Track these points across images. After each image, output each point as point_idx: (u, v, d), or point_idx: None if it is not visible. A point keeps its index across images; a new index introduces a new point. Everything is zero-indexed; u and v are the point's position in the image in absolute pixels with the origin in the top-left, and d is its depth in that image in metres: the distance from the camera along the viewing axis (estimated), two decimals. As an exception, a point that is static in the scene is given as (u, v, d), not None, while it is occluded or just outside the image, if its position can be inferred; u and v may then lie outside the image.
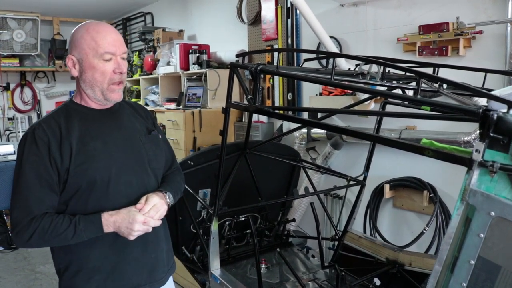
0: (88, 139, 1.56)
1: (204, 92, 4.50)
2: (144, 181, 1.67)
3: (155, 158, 1.72)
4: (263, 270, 2.90)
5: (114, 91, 1.60)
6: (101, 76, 1.56)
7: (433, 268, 1.24)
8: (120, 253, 1.62)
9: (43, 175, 1.50)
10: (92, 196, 1.55)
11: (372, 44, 3.32)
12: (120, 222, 1.51)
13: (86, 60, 1.55)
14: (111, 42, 1.56)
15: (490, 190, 1.11)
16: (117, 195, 1.59)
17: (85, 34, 1.55)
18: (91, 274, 1.60)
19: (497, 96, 1.05)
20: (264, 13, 4.16)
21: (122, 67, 1.59)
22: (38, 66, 6.95)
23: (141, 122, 1.77)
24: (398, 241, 3.13)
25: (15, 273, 4.45)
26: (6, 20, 6.16)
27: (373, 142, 2.72)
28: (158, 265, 1.73)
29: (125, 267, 1.64)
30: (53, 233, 1.47)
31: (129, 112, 1.76)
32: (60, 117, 1.58)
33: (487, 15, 2.63)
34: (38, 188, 1.50)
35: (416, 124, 3.08)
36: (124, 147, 1.64)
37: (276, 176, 3.34)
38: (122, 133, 1.67)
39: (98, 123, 1.62)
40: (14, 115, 6.99)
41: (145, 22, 6.45)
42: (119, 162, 1.60)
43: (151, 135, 1.75)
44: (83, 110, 1.62)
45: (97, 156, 1.56)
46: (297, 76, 1.93)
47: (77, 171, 1.52)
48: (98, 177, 1.54)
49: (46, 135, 1.51)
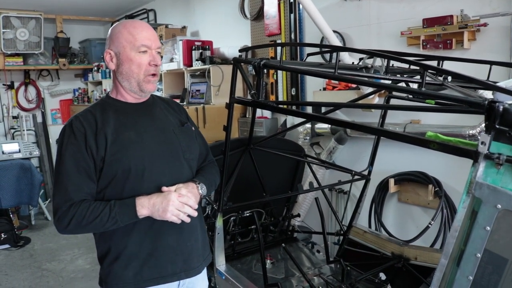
0: (122, 129, 1.65)
1: (208, 88, 4.50)
2: (178, 170, 1.73)
3: (188, 149, 1.79)
4: (268, 266, 2.89)
5: (150, 82, 1.69)
6: (138, 67, 1.65)
7: (439, 261, 1.23)
8: (156, 240, 1.68)
9: (81, 163, 1.58)
10: (127, 184, 1.62)
11: (376, 38, 3.30)
12: (154, 204, 1.58)
13: (123, 53, 1.65)
14: (146, 36, 1.66)
15: (496, 183, 1.10)
16: (152, 183, 1.65)
17: (123, 29, 1.66)
18: (128, 260, 1.67)
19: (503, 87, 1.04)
20: (267, 8, 4.14)
21: (157, 59, 1.68)
22: (42, 64, 6.97)
23: (174, 115, 1.85)
24: (403, 236, 3.13)
25: (22, 270, 4.48)
26: (10, 19, 6.17)
27: (377, 136, 2.71)
28: (193, 253, 1.78)
29: (161, 255, 1.69)
30: (90, 217, 1.54)
31: (163, 106, 1.84)
32: (96, 110, 1.68)
33: (491, 7, 2.60)
34: (76, 176, 1.58)
35: (420, 118, 3.06)
36: (157, 138, 1.71)
37: (280, 171, 3.34)
38: (155, 124, 1.74)
39: (132, 115, 1.71)
40: (19, 113, 7.02)
41: (148, 19, 6.44)
42: (152, 152, 1.68)
43: (184, 127, 1.83)
44: (118, 104, 1.72)
45: (131, 146, 1.64)
46: (300, 70, 1.92)
47: (112, 159, 1.60)
48: (132, 165, 1.62)
49: (82, 126, 1.61)
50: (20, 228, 5.60)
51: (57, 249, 5.01)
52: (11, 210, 5.52)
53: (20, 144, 5.67)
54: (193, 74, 4.77)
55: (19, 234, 5.38)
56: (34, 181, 5.32)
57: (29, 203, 5.54)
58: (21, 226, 5.72)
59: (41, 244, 5.24)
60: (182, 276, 1.75)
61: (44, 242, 5.29)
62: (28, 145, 5.77)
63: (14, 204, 5.34)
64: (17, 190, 5.24)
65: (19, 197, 5.27)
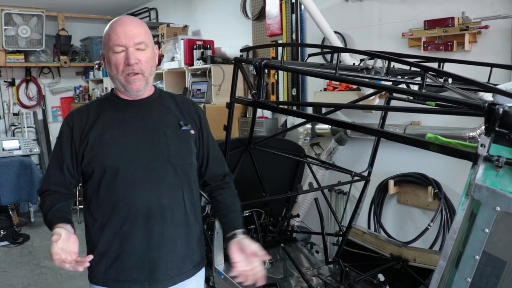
0: (108, 127, 1.64)
1: (209, 87, 4.50)
2: (158, 175, 1.63)
3: (177, 153, 1.67)
4: (267, 266, 2.89)
5: (133, 82, 1.61)
6: (116, 68, 1.60)
7: (438, 263, 1.24)
8: (123, 243, 1.64)
9: (58, 156, 1.67)
10: (103, 182, 1.62)
11: (377, 40, 3.30)
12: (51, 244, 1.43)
13: (106, 54, 1.63)
14: (121, 34, 1.57)
15: (496, 185, 1.11)
16: (125, 185, 1.61)
17: (108, 29, 1.63)
18: (99, 258, 1.67)
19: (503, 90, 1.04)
20: (268, 8, 4.14)
21: (131, 57, 1.56)
22: (43, 61, 6.96)
23: (177, 116, 1.73)
24: (402, 237, 3.13)
25: (20, 267, 4.48)
26: (11, 16, 6.16)
27: (378, 137, 2.71)
28: (160, 265, 1.66)
29: (127, 259, 1.65)
30: (43, 211, 1.62)
31: (168, 104, 1.74)
32: (93, 105, 1.71)
33: (493, 9, 2.60)
34: (57, 168, 1.67)
35: (421, 119, 3.06)
36: (141, 138, 1.64)
37: (280, 171, 3.34)
38: (145, 124, 1.67)
39: (122, 113, 1.68)
40: (20, 110, 7.01)
41: (150, 18, 6.44)
42: (131, 153, 1.62)
43: (180, 130, 1.70)
44: (114, 100, 1.71)
45: (111, 144, 1.62)
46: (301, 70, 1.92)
47: (91, 155, 1.62)
48: (107, 164, 1.61)
49: (72, 121, 1.66)
50: (19, 225, 5.61)
51: (56, 247, 5.01)
52: (11, 207, 5.52)
53: (21, 141, 5.67)
54: (194, 73, 4.77)
55: (18, 231, 5.38)
56: (34, 178, 5.32)
57: (28, 200, 5.54)
58: (21, 223, 5.72)
59: (40, 241, 5.24)
60: (145, 286, 1.66)
61: (43, 239, 5.29)
62: (28, 142, 5.78)
63: (13, 201, 5.34)
64: (16, 187, 5.24)
65: (18, 194, 5.27)
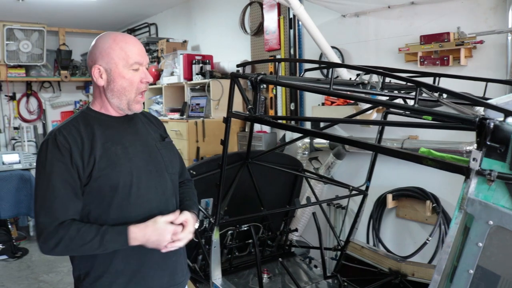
0: (109, 144, 1.60)
1: (207, 102, 4.52)
2: (163, 185, 1.71)
3: (171, 164, 1.77)
4: (265, 280, 2.88)
5: (139, 103, 1.66)
6: (130, 85, 1.60)
7: (432, 277, 1.24)
8: (142, 256, 1.65)
9: (68, 181, 1.52)
10: (115, 200, 1.59)
11: (374, 54, 3.33)
12: (148, 239, 1.55)
13: (115, 70, 1.58)
14: (138, 53, 1.61)
15: (488, 199, 1.11)
16: (139, 199, 1.62)
17: (113, 44, 1.59)
18: (114, 277, 1.62)
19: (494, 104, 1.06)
20: (266, 23, 4.19)
21: (149, 76, 1.64)
22: (44, 76, 7.03)
23: (155, 129, 1.82)
24: (401, 251, 3.12)
25: (19, 282, 4.45)
26: (13, 31, 6.24)
27: (374, 151, 2.72)
28: (178, 268, 1.78)
29: (147, 271, 1.67)
30: (79, 242, 1.49)
31: (143, 120, 1.80)
32: (79, 124, 1.60)
33: (487, 24, 2.64)
34: (63, 194, 1.51)
35: (418, 134, 3.07)
36: (142, 153, 1.68)
37: (278, 186, 3.34)
38: (139, 139, 1.71)
39: (117, 130, 1.66)
40: (20, 124, 7.06)
41: (149, 33, 6.51)
42: (139, 167, 1.64)
43: (165, 142, 1.80)
44: (102, 117, 1.65)
45: (119, 161, 1.60)
46: (296, 85, 1.94)
47: (100, 175, 1.55)
48: (121, 181, 1.58)
49: (67, 142, 1.53)
50: (18, 239, 5.58)
51: (55, 261, 4.98)
52: (10, 221, 5.51)
53: (21, 155, 5.68)
54: (193, 88, 4.80)
55: (17, 245, 5.36)
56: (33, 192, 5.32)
57: (27, 214, 5.52)
58: (19, 237, 5.70)
59: (38, 256, 5.21)
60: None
61: (41, 254, 5.22)
62: (28, 156, 5.78)
63: (13, 214, 5.33)
64: (16, 200, 5.23)
65: (18, 207, 5.25)
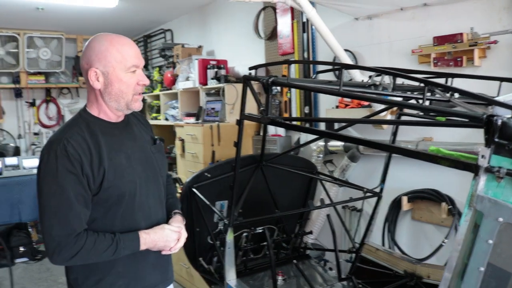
0: (113, 154, 1.61)
1: (222, 106, 4.56)
2: (158, 189, 1.76)
3: (162, 167, 1.82)
4: (280, 282, 2.89)
5: (137, 101, 1.67)
6: (127, 88, 1.61)
7: (443, 275, 1.24)
8: (141, 258, 1.71)
9: (81, 193, 1.52)
10: (121, 208, 1.63)
11: (387, 57, 3.33)
12: (155, 244, 1.66)
13: (112, 73, 1.58)
14: (135, 55, 1.62)
15: (498, 196, 1.12)
16: (141, 206, 1.68)
17: (110, 46, 1.58)
18: (115, 280, 1.67)
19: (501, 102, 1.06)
20: (280, 28, 4.22)
21: (145, 79, 1.66)
22: (63, 82, 7.16)
23: (146, 131, 1.85)
24: (417, 254, 3.10)
25: (39, 284, 4.55)
26: (33, 39, 6.39)
27: (388, 152, 2.72)
28: (169, 265, 1.89)
29: (145, 271, 1.74)
30: (96, 252, 1.53)
31: (136, 122, 1.83)
32: (84, 132, 1.58)
33: (501, 24, 2.61)
34: (77, 206, 1.51)
35: (432, 135, 3.05)
36: (141, 159, 1.72)
37: (293, 188, 3.35)
38: (137, 145, 1.74)
39: (118, 137, 1.68)
40: (40, 130, 7.21)
41: (165, 39, 6.59)
42: (140, 174, 1.68)
43: (157, 145, 1.83)
44: (103, 124, 1.65)
45: (125, 171, 1.63)
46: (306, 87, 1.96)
47: (110, 186, 1.57)
48: (127, 191, 1.62)
49: (77, 152, 1.51)
50: (39, 242, 5.68)
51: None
52: (30, 224, 5.62)
53: (40, 160, 5.79)
54: (208, 93, 4.84)
55: (37, 248, 5.46)
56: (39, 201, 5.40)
57: (47, 218, 5.63)
58: (40, 240, 5.81)
59: (57, 259, 5.31)
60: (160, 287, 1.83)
61: (60, 257, 5.34)
62: (47, 161, 5.89)
63: (33, 218, 5.40)
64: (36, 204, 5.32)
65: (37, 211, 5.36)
